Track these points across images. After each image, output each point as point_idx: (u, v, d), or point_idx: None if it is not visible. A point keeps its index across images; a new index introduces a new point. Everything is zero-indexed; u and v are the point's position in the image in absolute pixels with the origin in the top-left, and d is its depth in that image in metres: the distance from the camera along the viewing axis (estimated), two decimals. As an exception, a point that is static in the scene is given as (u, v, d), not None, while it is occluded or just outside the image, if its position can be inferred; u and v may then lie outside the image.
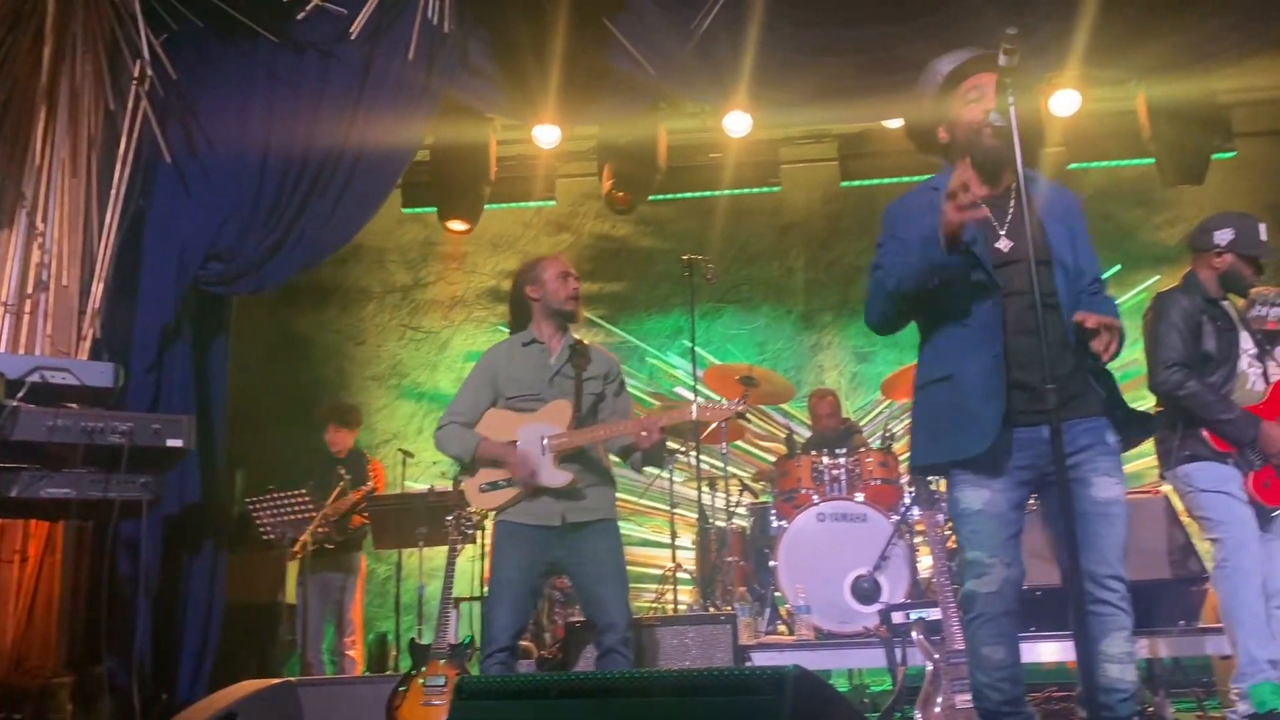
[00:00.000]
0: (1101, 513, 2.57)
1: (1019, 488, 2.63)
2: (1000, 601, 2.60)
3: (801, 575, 5.08)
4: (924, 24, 5.20)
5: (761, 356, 7.70)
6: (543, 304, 3.86)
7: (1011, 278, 2.61)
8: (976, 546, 2.62)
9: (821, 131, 7.50)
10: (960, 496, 2.65)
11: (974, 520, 2.62)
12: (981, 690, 2.64)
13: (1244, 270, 3.73)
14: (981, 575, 2.60)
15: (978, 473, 2.62)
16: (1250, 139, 7.35)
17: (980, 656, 2.63)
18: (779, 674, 1.78)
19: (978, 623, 2.62)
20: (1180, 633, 4.54)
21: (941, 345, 2.71)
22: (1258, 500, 3.55)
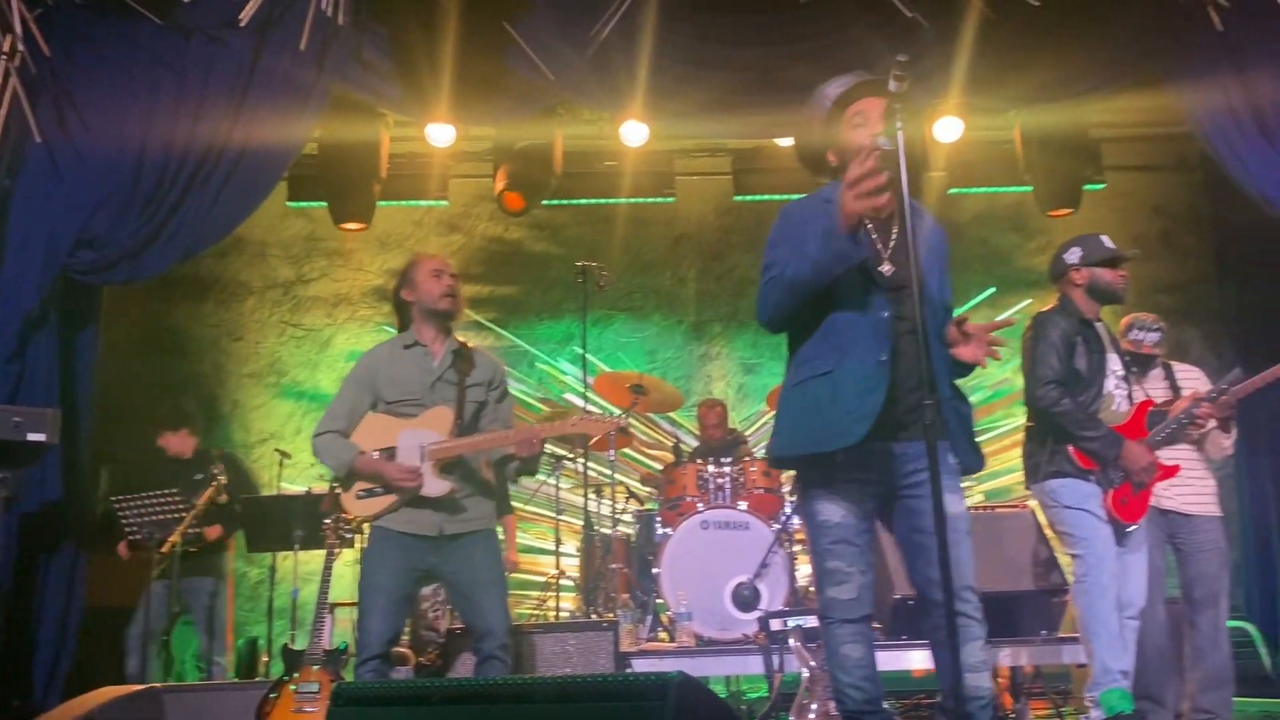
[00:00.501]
0: (951, 527, 2.66)
1: (870, 499, 2.74)
2: (859, 607, 2.72)
3: (684, 582, 5.12)
4: (812, 47, 5.34)
5: (652, 365, 7.75)
6: (418, 305, 3.74)
7: (893, 301, 2.71)
8: (836, 557, 2.72)
9: (716, 145, 7.62)
10: (818, 509, 2.75)
11: (833, 531, 2.72)
12: (843, 691, 2.72)
13: (1105, 276, 3.89)
14: (841, 584, 2.71)
15: (833, 485, 2.72)
16: (1119, 172, 7.76)
17: (840, 656, 2.72)
18: (663, 680, 1.79)
19: (836, 625, 2.72)
20: (1042, 642, 4.73)
21: (826, 346, 2.75)
22: (1116, 517, 3.73)
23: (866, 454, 2.68)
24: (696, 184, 7.94)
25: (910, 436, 2.68)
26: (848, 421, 2.64)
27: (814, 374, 2.75)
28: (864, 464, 2.70)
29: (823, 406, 2.70)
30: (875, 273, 2.74)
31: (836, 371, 2.70)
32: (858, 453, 2.67)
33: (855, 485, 2.72)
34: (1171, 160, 7.79)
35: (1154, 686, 4.03)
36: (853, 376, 2.67)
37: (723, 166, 7.72)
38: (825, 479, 2.73)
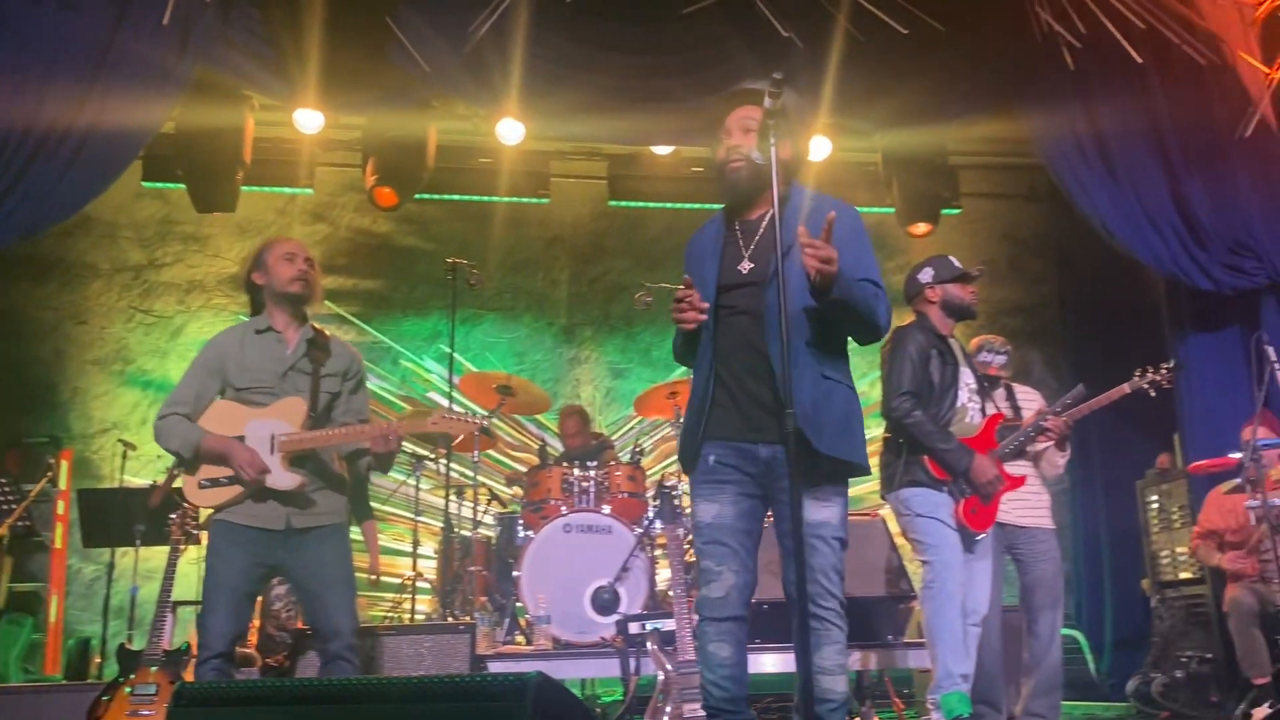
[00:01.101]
0: (813, 534, 2.73)
1: (747, 500, 2.80)
2: (727, 607, 2.76)
3: (544, 585, 5.09)
4: (687, 60, 5.42)
5: (520, 366, 7.70)
6: (269, 290, 3.58)
7: (743, 298, 2.79)
8: (707, 556, 2.78)
9: (593, 149, 7.63)
10: (696, 508, 2.83)
11: (706, 531, 2.79)
12: (708, 688, 2.77)
13: (957, 293, 4.09)
14: (711, 582, 2.77)
15: (709, 486, 2.79)
16: (974, 198, 8.13)
17: (707, 654, 2.76)
18: (520, 680, 1.77)
19: (706, 624, 2.77)
20: (889, 646, 4.90)
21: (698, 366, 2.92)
22: (965, 526, 3.89)
23: (737, 457, 2.75)
24: (572, 186, 7.93)
25: (769, 438, 2.73)
26: (692, 443, 2.84)
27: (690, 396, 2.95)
28: (736, 467, 2.76)
29: (686, 428, 2.90)
30: (732, 272, 2.82)
31: (694, 388, 2.90)
32: (726, 455, 2.75)
33: (731, 487, 2.78)
34: (1023, 189, 8.21)
35: (990, 691, 4.21)
36: (695, 396, 2.87)
37: (599, 170, 7.74)
38: (701, 479, 2.81)
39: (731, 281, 2.82)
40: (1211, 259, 5.82)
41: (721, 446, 2.80)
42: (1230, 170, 5.87)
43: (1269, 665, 4.98)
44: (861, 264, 2.84)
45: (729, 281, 2.82)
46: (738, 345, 2.77)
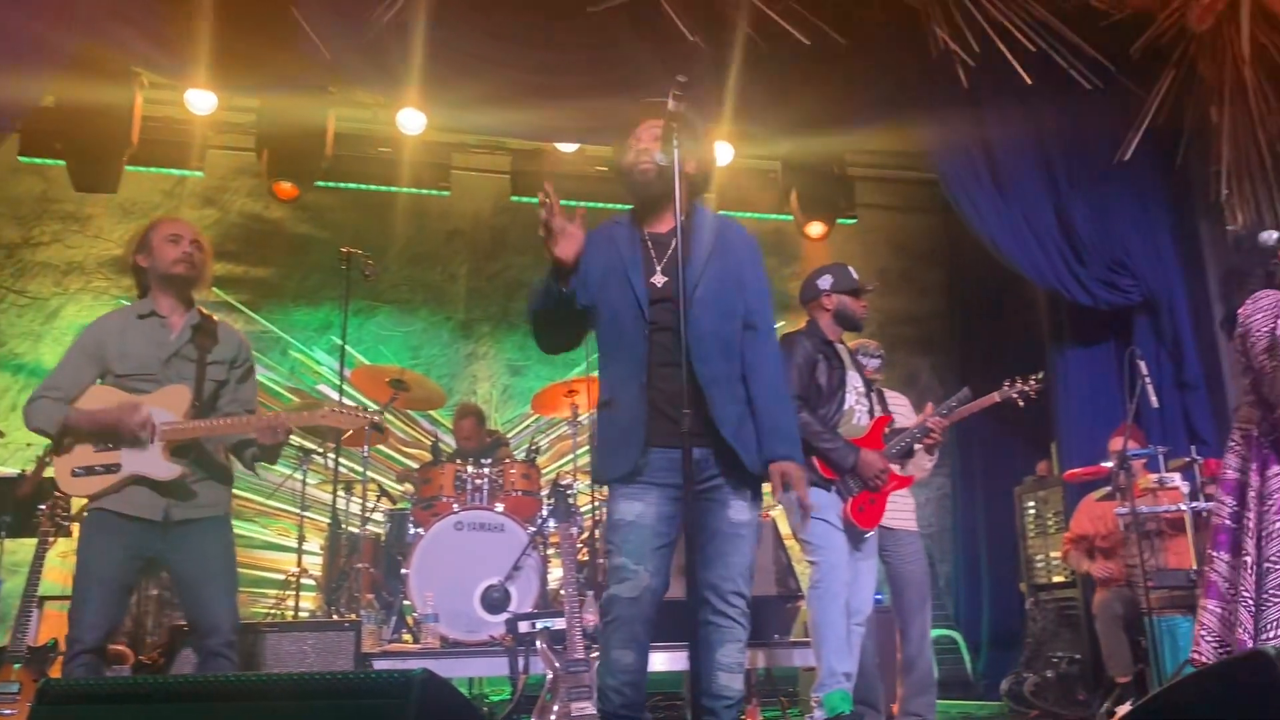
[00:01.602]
0: (734, 533, 2.79)
1: (669, 503, 2.80)
2: (638, 608, 2.73)
3: (433, 583, 5.02)
4: (592, 58, 5.42)
5: (415, 361, 7.57)
6: (153, 271, 3.44)
7: (664, 313, 2.78)
8: (624, 554, 2.75)
9: (496, 143, 7.56)
10: (616, 508, 2.80)
11: (625, 530, 2.76)
12: (606, 692, 2.74)
13: (851, 304, 4.24)
14: (624, 581, 2.73)
15: (633, 487, 2.78)
16: (870, 210, 8.33)
17: (611, 659, 2.74)
18: (405, 678, 1.74)
19: (613, 626, 2.73)
20: (776, 645, 4.98)
21: (608, 372, 2.91)
22: (854, 524, 3.99)
23: (659, 460, 2.76)
24: (474, 180, 7.84)
25: (700, 443, 2.75)
26: (624, 452, 2.79)
27: (601, 402, 2.91)
28: (665, 470, 2.76)
29: (609, 434, 2.85)
30: (644, 287, 2.82)
31: (613, 400, 2.85)
32: (656, 460, 2.75)
33: (656, 489, 2.77)
34: (917, 203, 8.44)
35: (868, 691, 4.30)
36: (624, 408, 2.81)
37: (502, 165, 7.67)
38: (624, 478, 2.80)
39: (650, 296, 2.82)
40: (1091, 276, 6.08)
41: (654, 453, 2.78)
42: (1111, 191, 6.15)
43: (1132, 666, 5.23)
44: (760, 295, 2.97)
45: (648, 292, 2.83)
46: (662, 360, 2.77)
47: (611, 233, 2.94)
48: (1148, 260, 6.13)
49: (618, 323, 2.85)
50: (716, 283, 2.86)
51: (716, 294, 2.84)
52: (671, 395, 2.70)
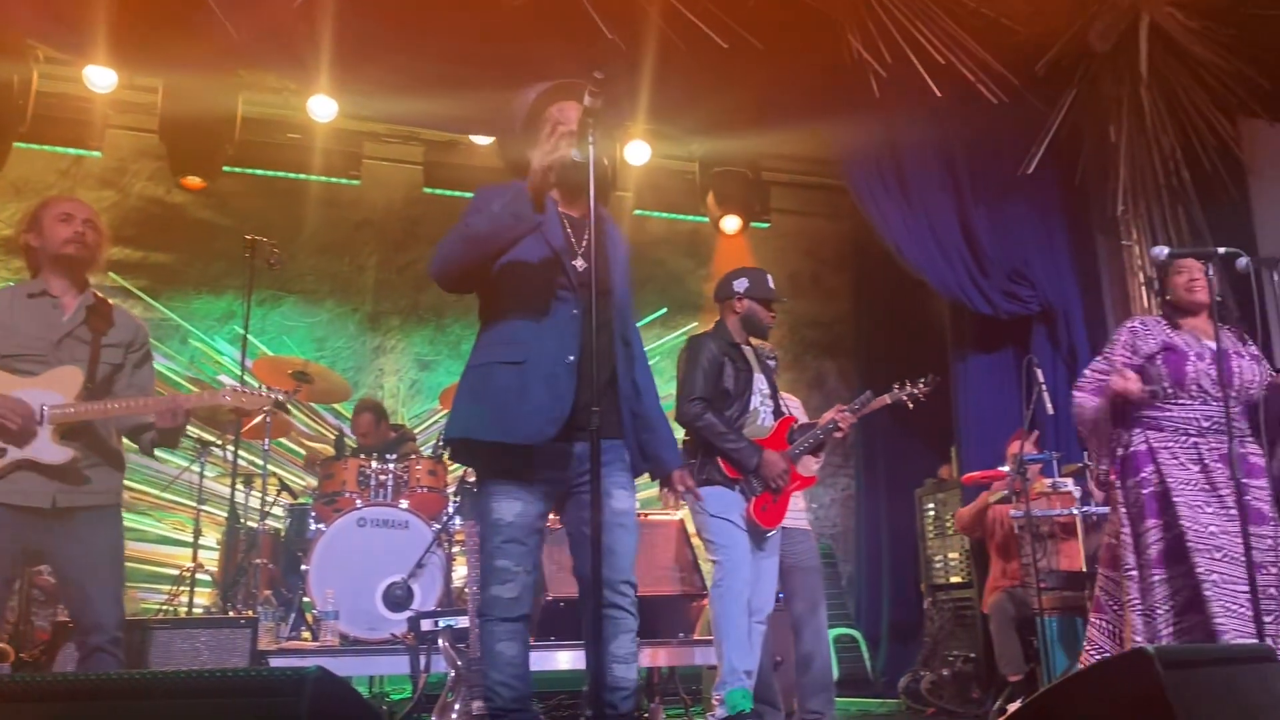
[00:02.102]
0: (619, 523, 2.77)
1: (545, 500, 2.79)
2: (519, 606, 2.73)
3: (333, 580, 4.92)
4: (508, 52, 5.36)
5: (320, 353, 7.41)
6: (43, 251, 3.32)
7: (579, 296, 2.76)
8: (506, 556, 2.72)
9: (410, 133, 7.44)
10: (495, 507, 2.74)
11: (506, 530, 2.72)
12: (494, 688, 2.72)
13: (760, 312, 4.29)
14: (506, 582, 2.71)
15: (515, 482, 2.73)
16: (783, 215, 8.42)
17: (494, 654, 2.72)
18: (298, 675, 1.69)
19: (494, 623, 2.72)
20: (679, 644, 5.00)
21: (517, 331, 2.76)
22: (756, 523, 4.03)
23: (548, 454, 2.73)
24: (386, 170, 7.70)
25: (583, 437, 2.70)
26: (538, 421, 2.67)
27: (502, 360, 2.75)
28: (545, 463, 2.73)
29: (509, 398, 2.70)
30: (569, 266, 2.79)
31: (527, 364, 2.71)
32: (540, 452, 2.71)
33: (534, 485, 2.74)
34: (828, 209, 8.56)
35: (766, 690, 4.36)
36: (542, 374, 2.70)
37: (415, 155, 7.56)
38: (505, 475, 2.73)
39: (568, 275, 2.79)
40: (992, 286, 6.25)
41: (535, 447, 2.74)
42: (1013, 204, 6.34)
43: (1023, 665, 5.38)
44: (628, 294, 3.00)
45: (566, 274, 2.79)
46: (566, 343, 2.73)
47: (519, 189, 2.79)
48: (1046, 272, 6.33)
49: (536, 286, 2.76)
50: (619, 281, 2.87)
51: (620, 292, 2.86)
52: (566, 381, 2.70)
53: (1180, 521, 3.46)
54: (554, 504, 2.84)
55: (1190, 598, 3.44)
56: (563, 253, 2.80)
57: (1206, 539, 3.43)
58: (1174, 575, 3.49)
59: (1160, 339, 3.66)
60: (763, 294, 4.29)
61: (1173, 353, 3.60)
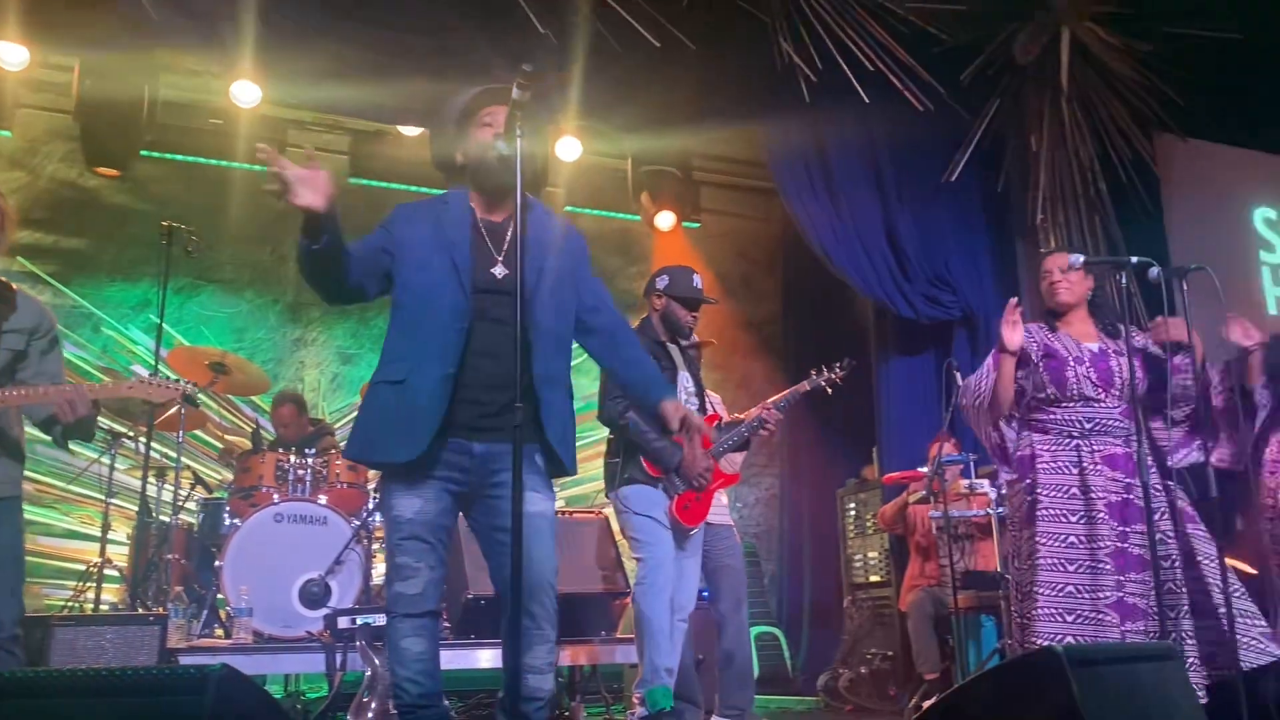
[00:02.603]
0: (533, 526, 2.72)
1: (448, 497, 2.75)
2: (424, 602, 2.71)
3: (248, 577, 4.80)
4: (437, 42, 5.30)
5: (239, 344, 7.22)
6: None
7: (497, 304, 2.71)
8: (406, 553, 2.70)
9: (336, 122, 7.31)
10: (394, 504, 2.72)
11: (406, 527, 2.70)
12: (401, 685, 2.69)
13: (679, 312, 4.25)
14: (408, 579, 2.69)
15: (411, 482, 2.71)
16: (714, 215, 8.48)
17: (401, 651, 2.69)
18: (202, 673, 1.65)
19: (399, 620, 2.70)
20: (601, 642, 4.99)
21: (402, 349, 2.77)
22: (679, 522, 4.04)
23: (449, 454, 2.70)
24: (311, 159, 7.54)
25: (496, 438, 2.70)
26: (409, 440, 2.67)
27: (386, 379, 2.76)
28: (446, 464, 2.70)
29: (391, 417, 2.71)
30: (483, 276, 2.76)
31: (407, 382, 2.71)
32: (439, 453, 2.68)
33: (435, 483, 2.71)
34: (759, 212, 8.64)
35: (688, 687, 4.36)
36: (420, 392, 2.69)
37: (341, 145, 7.42)
38: (404, 475, 2.71)
39: (485, 285, 2.76)
40: (915, 290, 6.36)
41: (449, 444, 2.71)
42: (937, 210, 6.46)
43: (939, 662, 5.48)
44: (596, 291, 2.98)
45: (483, 284, 2.76)
46: (484, 350, 2.71)
47: (439, 212, 2.84)
48: (968, 277, 6.46)
49: (432, 305, 2.74)
50: (556, 278, 2.83)
51: (555, 290, 2.81)
52: (489, 387, 2.68)
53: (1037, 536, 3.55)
54: (460, 504, 2.80)
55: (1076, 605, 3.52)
56: (470, 266, 2.76)
57: (1061, 551, 3.51)
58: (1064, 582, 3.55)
59: (1042, 345, 3.73)
60: (683, 293, 4.24)
61: (1053, 359, 3.67)
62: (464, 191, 2.90)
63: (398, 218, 2.87)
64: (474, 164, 2.85)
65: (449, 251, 2.77)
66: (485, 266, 2.77)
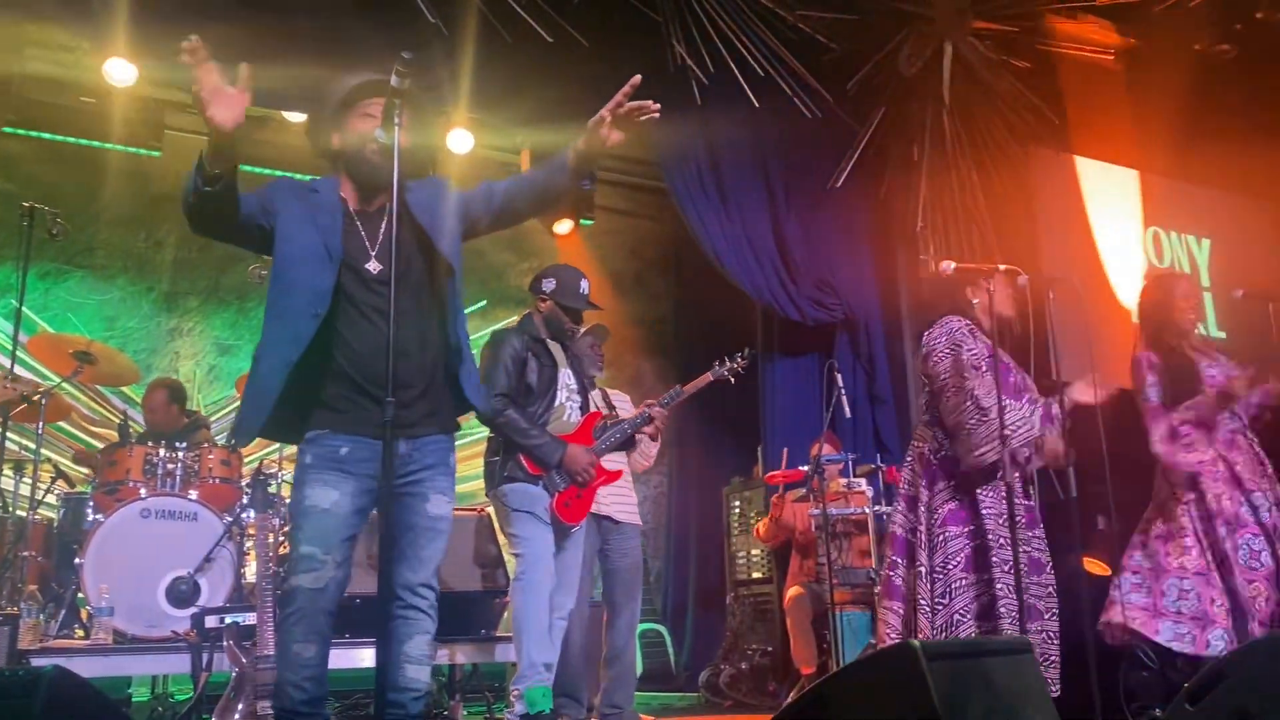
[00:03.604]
0: (431, 527, 2.74)
1: (364, 495, 2.71)
2: (323, 599, 2.64)
3: (111, 575, 4.60)
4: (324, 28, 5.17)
5: (110, 333, 6.93)
6: None
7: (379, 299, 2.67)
8: (313, 543, 2.63)
9: (217, 106, 7.05)
10: (310, 493, 2.66)
11: (318, 517, 2.64)
12: (285, 688, 2.63)
13: (562, 317, 4.25)
14: (311, 570, 2.62)
15: (331, 474, 2.66)
16: (608, 213, 8.48)
17: (291, 653, 2.62)
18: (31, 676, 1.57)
19: (294, 618, 2.62)
20: (482, 640, 4.95)
21: (267, 330, 2.74)
22: (560, 519, 4.03)
23: (368, 450, 2.67)
24: (191, 142, 7.24)
25: (414, 434, 2.71)
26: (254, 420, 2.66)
27: (258, 357, 2.74)
28: (365, 457, 2.67)
29: (249, 395, 2.71)
30: (360, 267, 2.71)
31: (260, 362, 2.69)
32: (360, 447, 2.67)
33: (353, 479, 2.67)
34: (652, 211, 8.67)
35: (572, 684, 4.36)
36: (265, 375, 2.67)
37: (223, 130, 7.16)
38: (321, 463, 2.67)
39: (360, 277, 2.71)
40: (800, 293, 6.48)
41: (353, 441, 2.68)
42: (823, 215, 6.59)
43: (815, 658, 5.60)
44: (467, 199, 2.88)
45: (357, 276, 2.71)
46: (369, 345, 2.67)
47: (311, 197, 2.77)
48: (850, 281, 6.62)
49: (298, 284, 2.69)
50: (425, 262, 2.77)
51: (423, 279, 2.77)
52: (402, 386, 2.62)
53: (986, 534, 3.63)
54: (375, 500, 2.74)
55: (988, 604, 3.59)
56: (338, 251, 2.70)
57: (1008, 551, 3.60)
58: (978, 581, 3.63)
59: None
60: (568, 301, 4.22)
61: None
62: (335, 180, 2.84)
63: (279, 187, 2.82)
64: (351, 154, 2.79)
65: (320, 240, 2.71)
66: (359, 257, 2.72)
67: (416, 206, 2.74)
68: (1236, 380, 3.96)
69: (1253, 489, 3.92)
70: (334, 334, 2.69)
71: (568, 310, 4.23)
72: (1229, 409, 4.00)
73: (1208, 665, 2.73)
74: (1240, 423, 4.04)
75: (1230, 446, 3.99)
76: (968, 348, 3.73)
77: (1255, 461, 4.00)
